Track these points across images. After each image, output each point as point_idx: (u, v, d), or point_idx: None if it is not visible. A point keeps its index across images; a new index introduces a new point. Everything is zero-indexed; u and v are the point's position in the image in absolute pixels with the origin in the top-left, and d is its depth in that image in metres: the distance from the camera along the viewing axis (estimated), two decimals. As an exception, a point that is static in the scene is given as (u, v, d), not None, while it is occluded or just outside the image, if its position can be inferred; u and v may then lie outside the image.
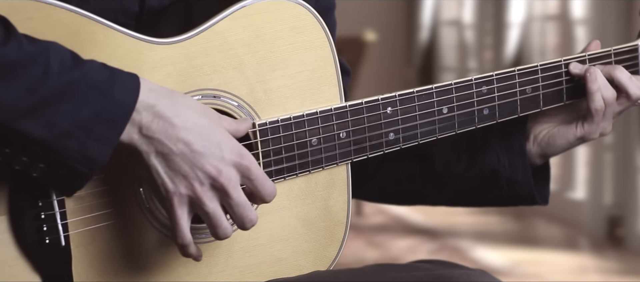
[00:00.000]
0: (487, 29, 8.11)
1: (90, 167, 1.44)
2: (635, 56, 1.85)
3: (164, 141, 1.47)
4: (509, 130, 1.84)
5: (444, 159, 1.85)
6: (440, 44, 9.11)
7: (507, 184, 1.84)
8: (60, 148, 1.42)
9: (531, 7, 7.30)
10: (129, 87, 1.45)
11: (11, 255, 1.50)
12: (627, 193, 5.79)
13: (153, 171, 1.48)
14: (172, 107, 1.48)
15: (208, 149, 1.49)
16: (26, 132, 1.40)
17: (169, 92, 1.49)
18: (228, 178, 1.50)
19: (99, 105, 1.43)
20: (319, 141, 1.66)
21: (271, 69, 1.62)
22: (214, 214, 1.51)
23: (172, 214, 1.50)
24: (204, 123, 1.50)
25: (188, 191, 1.49)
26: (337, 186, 1.69)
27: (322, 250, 1.69)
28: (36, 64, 1.41)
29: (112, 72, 1.46)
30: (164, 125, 1.47)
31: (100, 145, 1.43)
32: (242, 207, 1.52)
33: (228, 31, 1.59)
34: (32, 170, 1.44)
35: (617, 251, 5.73)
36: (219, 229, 1.52)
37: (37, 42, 1.43)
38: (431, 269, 1.65)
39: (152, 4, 1.61)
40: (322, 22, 1.65)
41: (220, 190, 1.50)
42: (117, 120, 1.44)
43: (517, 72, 1.78)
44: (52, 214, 1.51)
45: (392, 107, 1.70)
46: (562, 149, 1.85)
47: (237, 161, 1.51)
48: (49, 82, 1.41)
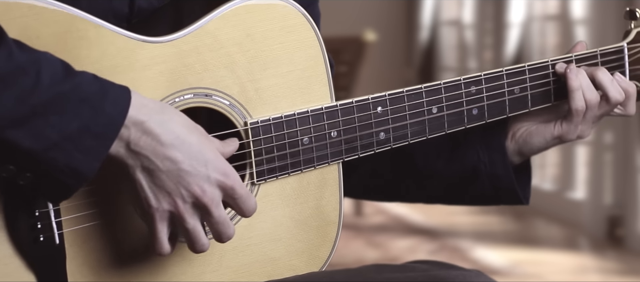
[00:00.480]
0: (487, 29, 8.11)
1: (77, 180, 1.44)
2: (622, 57, 1.85)
3: (151, 158, 1.48)
4: (489, 128, 1.84)
5: (425, 154, 1.85)
6: (440, 44, 9.11)
7: (488, 179, 1.84)
8: (48, 159, 1.42)
9: (531, 7, 7.30)
10: (120, 101, 1.45)
11: (5, 253, 1.50)
12: (627, 193, 5.79)
13: (137, 185, 1.49)
14: (162, 124, 1.48)
15: (194, 168, 1.49)
16: (15, 142, 1.40)
17: (160, 107, 1.49)
18: (211, 198, 1.51)
19: (89, 118, 1.43)
20: (310, 140, 1.66)
21: (262, 68, 1.62)
22: (193, 231, 1.52)
23: (153, 228, 1.51)
24: (193, 141, 1.50)
25: (170, 207, 1.50)
26: (329, 186, 1.69)
27: (315, 250, 1.69)
28: (27, 74, 1.40)
29: (103, 85, 1.45)
30: (152, 142, 1.47)
31: (88, 158, 1.43)
32: (221, 225, 1.53)
33: (219, 30, 1.59)
34: (19, 178, 1.44)
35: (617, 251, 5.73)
36: (196, 244, 1.53)
37: (29, 51, 1.43)
38: (427, 270, 1.65)
39: (141, 5, 1.61)
40: (311, 22, 1.65)
41: (202, 208, 1.51)
42: (106, 134, 1.44)
43: (505, 73, 1.78)
44: (46, 211, 1.51)
45: (382, 107, 1.70)
46: (538, 148, 1.84)
47: (221, 180, 1.51)
48: (39, 93, 1.40)
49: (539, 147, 1.84)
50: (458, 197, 1.91)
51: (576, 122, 1.80)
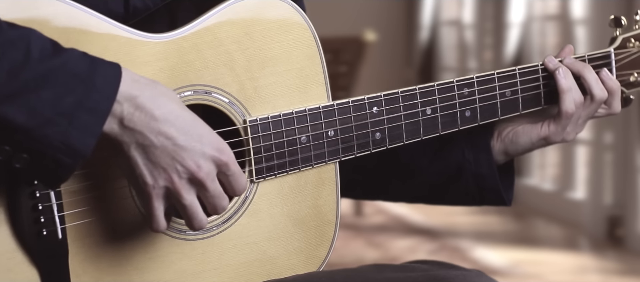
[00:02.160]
0: (487, 29, 8.11)
1: (73, 158, 1.43)
2: (609, 62, 1.87)
3: (145, 133, 1.47)
4: (475, 128, 1.84)
5: (410, 150, 1.85)
6: (440, 44, 9.11)
7: (472, 178, 1.84)
8: (43, 136, 1.41)
9: (531, 7, 7.30)
10: (110, 77, 1.44)
11: (8, 247, 1.50)
12: (627, 193, 5.79)
13: (132, 162, 1.48)
14: (154, 99, 1.47)
15: (189, 143, 1.49)
16: (8, 118, 1.40)
17: (151, 83, 1.49)
18: (206, 173, 1.50)
19: (81, 93, 1.42)
20: (308, 139, 1.66)
21: (260, 67, 1.63)
22: (190, 207, 1.51)
23: (149, 206, 1.50)
24: (186, 116, 1.50)
25: (166, 183, 1.49)
26: (326, 185, 1.69)
27: (312, 249, 1.70)
28: (16, 48, 1.40)
29: (93, 61, 1.45)
30: (145, 117, 1.47)
31: (82, 134, 1.42)
32: (217, 198, 1.53)
33: (218, 28, 1.60)
34: (14, 160, 1.43)
35: (617, 251, 5.73)
36: (194, 220, 1.53)
37: (17, 27, 1.43)
38: (427, 270, 1.65)
39: (136, 5, 1.61)
40: (308, 22, 1.66)
41: (198, 184, 1.50)
42: (99, 109, 1.43)
43: (497, 75, 1.79)
44: (49, 205, 1.51)
45: (378, 107, 1.71)
46: (524, 148, 1.84)
47: (216, 156, 1.51)
48: (29, 68, 1.40)
49: (525, 148, 1.84)
50: (441, 195, 1.90)
51: (564, 124, 1.81)
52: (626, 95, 1.89)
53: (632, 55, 1.89)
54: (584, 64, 1.82)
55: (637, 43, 1.89)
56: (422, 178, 1.87)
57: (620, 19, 1.90)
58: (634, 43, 1.89)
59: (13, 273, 1.50)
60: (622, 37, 1.89)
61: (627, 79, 1.88)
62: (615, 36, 1.90)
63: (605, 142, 6.05)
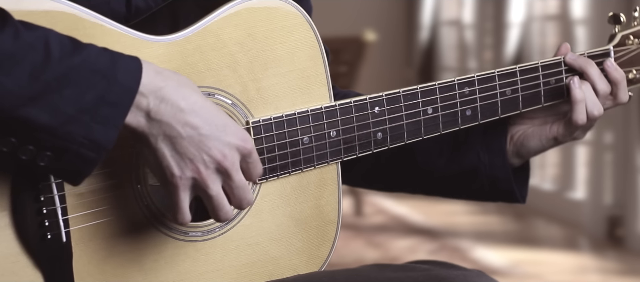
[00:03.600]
0: (487, 29, 8.11)
1: (97, 151, 1.44)
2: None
3: (173, 125, 1.47)
4: (490, 130, 1.86)
5: (426, 152, 1.86)
6: (440, 44, 9.11)
7: (487, 179, 1.85)
8: (66, 133, 1.42)
9: (531, 7, 7.30)
10: (131, 70, 1.45)
11: (13, 251, 1.50)
12: (627, 193, 5.79)
13: (159, 154, 1.48)
14: (179, 90, 1.48)
15: (214, 132, 1.50)
16: (31, 119, 1.40)
17: (174, 74, 1.50)
18: (232, 162, 1.51)
19: (102, 88, 1.43)
20: (310, 140, 1.66)
21: (263, 68, 1.63)
22: (217, 197, 1.52)
23: (175, 197, 1.51)
24: (209, 105, 1.51)
25: (193, 173, 1.50)
26: (328, 185, 1.70)
27: (314, 249, 1.70)
28: (36, 50, 1.41)
29: (113, 55, 1.46)
30: (172, 108, 1.47)
31: (105, 128, 1.43)
32: (242, 190, 1.53)
33: (221, 29, 1.60)
34: (38, 159, 1.43)
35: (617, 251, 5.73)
36: (221, 211, 1.53)
37: (35, 28, 1.43)
38: (428, 270, 1.65)
39: (138, 5, 1.62)
40: (311, 22, 1.67)
41: (224, 173, 1.51)
42: (121, 103, 1.44)
43: (497, 74, 1.80)
44: (54, 209, 1.51)
45: (380, 107, 1.71)
46: (535, 150, 1.85)
47: (240, 144, 1.52)
48: (50, 68, 1.41)
49: (536, 149, 1.85)
50: (456, 192, 1.92)
51: (573, 130, 1.82)
52: None
53: (630, 53, 1.89)
54: (586, 59, 1.83)
55: (636, 40, 1.90)
56: (438, 178, 1.89)
57: (619, 16, 1.90)
58: (632, 40, 1.90)
59: (18, 276, 1.50)
60: (621, 35, 1.89)
61: (626, 76, 1.89)
62: (614, 33, 1.90)
63: (605, 142, 6.05)
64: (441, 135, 1.80)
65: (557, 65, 1.83)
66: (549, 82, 1.83)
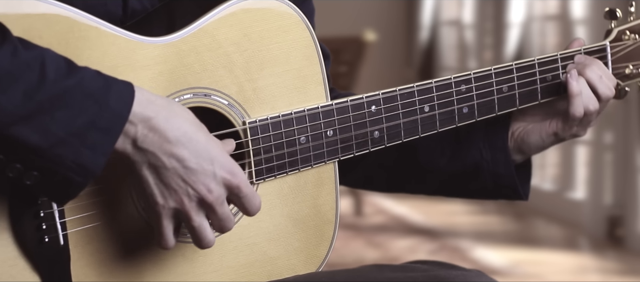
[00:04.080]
0: (487, 29, 8.11)
1: (84, 176, 1.44)
2: (605, 55, 1.88)
3: (158, 155, 1.48)
4: (492, 127, 1.86)
5: (428, 150, 1.86)
6: (440, 44, 9.11)
7: (490, 176, 1.85)
8: (55, 156, 1.42)
9: (531, 7, 7.30)
10: (124, 96, 1.45)
11: (11, 254, 1.50)
12: (627, 193, 5.79)
13: (144, 181, 1.49)
14: (169, 121, 1.48)
15: (201, 166, 1.50)
16: (22, 138, 1.40)
17: (167, 103, 1.50)
18: (216, 196, 1.51)
19: (94, 113, 1.43)
20: (307, 139, 1.66)
21: (259, 68, 1.63)
22: (199, 228, 1.52)
23: (158, 224, 1.52)
24: (200, 138, 1.50)
25: (176, 204, 1.50)
26: (326, 185, 1.70)
27: (312, 249, 1.70)
28: (32, 69, 1.41)
29: (107, 80, 1.46)
30: (159, 139, 1.47)
31: (94, 154, 1.43)
32: (225, 221, 1.54)
33: (217, 30, 1.60)
34: (25, 178, 1.44)
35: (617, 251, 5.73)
36: (203, 241, 1.54)
37: (32, 47, 1.43)
38: (428, 270, 1.65)
39: (134, 7, 1.62)
40: (306, 22, 1.66)
41: (208, 207, 1.52)
42: (111, 129, 1.44)
43: (494, 71, 1.80)
44: (51, 212, 1.51)
45: (376, 106, 1.71)
46: (536, 146, 1.85)
47: (227, 178, 1.52)
48: (44, 89, 1.41)
49: (537, 145, 1.85)
50: (459, 190, 1.92)
51: (572, 124, 1.81)
52: (621, 87, 1.90)
53: (627, 48, 1.89)
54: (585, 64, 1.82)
55: (633, 35, 1.90)
56: (440, 176, 1.88)
57: (615, 11, 1.90)
58: (629, 35, 1.90)
59: (15, 280, 1.50)
60: (617, 30, 1.89)
61: (622, 71, 1.89)
62: (611, 29, 1.90)
63: (605, 142, 6.05)
64: (443, 134, 1.80)
65: (553, 62, 1.83)
66: (545, 79, 1.82)
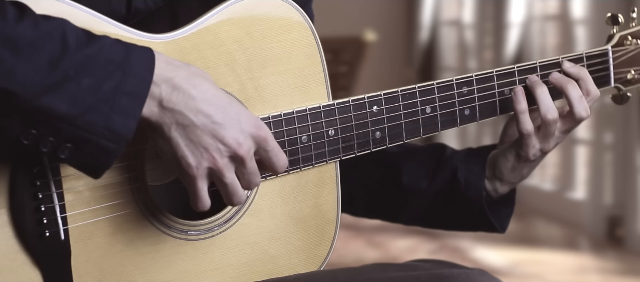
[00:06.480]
0: (487, 29, 8.12)
1: (117, 142, 1.44)
2: (606, 60, 1.88)
3: (185, 113, 1.48)
4: (474, 152, 1.87)
5: (411, 172, 1.87)
6: (440, 44, 9.11)
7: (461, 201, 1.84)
8: (87, 123, 1.43)
9: (531, 7, 7.31)
10: (145, 60, 1.46)
11: (11, 249, 1.50)
12: (627, 193, 5.79)
13: (174, 143, 1.49)
14: (190, 79, 1.49)
15: (227, 120, 1.50)
16: (52, 107, 1.41)
17: (185, 64, 1.50)
18: (247, 149, 1.51)
19: (118, 78, 1.44)
20: (308, 138, 1.66)
21: (261, 66, 1.63)
22: (232, 184, 1.52)
23: (193, 187, 1.51)
24: (222, 95, 1.51)
25: (209, 163, 1.50)
26: (327, 184, 1.70)
27: (313, 248, 1.70)
28: (54, 38, 1.42)
29: (126, 46, 1.46)
30: (184, 97, 1.48)
31: (124, 118, 1.44)
32: (253, 175, 1.54)
33: (219, 28, 1.60)
34: (59, 151, 1.44)
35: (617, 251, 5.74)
36: (234, 197, 1.54)
37: (51, 18, 1.44)
38: (430, 269, 1.65)
39: (138, 6, 1.62)
40: (309, 22, 1.67)
41: (239, 161, 1.52)
42: (137, 92, 1.45)
43: (495, 73, 1.80)
44: (52, 207, 1.52)
45: (378, 106, 1.71)
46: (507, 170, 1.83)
47: (255, 132, 1.52)
48: (68, 57, 1.42)
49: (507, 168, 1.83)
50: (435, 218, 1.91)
51: (528, 142, 1.79)
52: (623, 92, 1.90)
53: (629, 53, 1.89)
54: (568, 79, 1.80)
55: (634, 40, 1.90)
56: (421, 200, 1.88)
57: (617, 16, 1.91)
58: (631, 40, 1.90)
59: (16, 274, 1.51)
60: (619, 35, 1.90)
61: (624, 76, 1.89)
62: (613, 34, 1.91)
63: (605, 142, 6.05)
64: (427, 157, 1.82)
65: (555, 66, 1.83)
66: (548, 82, 1.82)
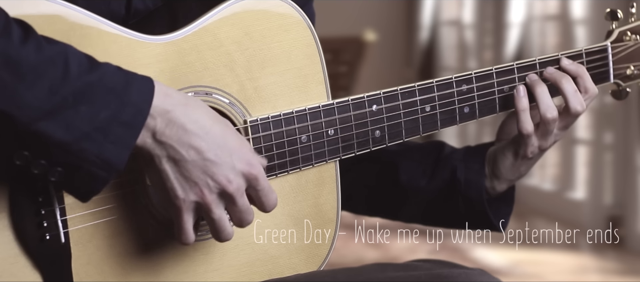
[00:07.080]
0: (487, 29, 8.11)
1: (108, 171, 1.45)
2: (606, 56, 1.88)
3: (177, 147, 1.48)
4: (472, 150, 1.87)
5: (409, 170, 1.87)
6: (440, 44, 9.11)
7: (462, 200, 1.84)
8: (80, 150, 1.43)
9: (531, 7, 7.31)
10: (144, 91, 1.46)
11: (12, 252, 1.51)
12: (627, 193, 5.79)
13: (164, 175, 1.49)
14: (186, 114, 1.49)
15: (219, 157, 1.50)
16: (47, 133, 1.41)
17: (184, 97, 1.50)
18: (236, 187, 1.51)
19: (116, 108, 1.44)
20: (308, 138, 1.67)
21: (260, 67, 1.63)
22: (219, 221, 1.53)
23: (179, 219, 1.52)
24: (217, 130, 1.51)
25: (197, 197, 1.50)
26: (327, 184, 1.70)
27: (313, 248, 1.70)
28: (56, 65, 1.42)
29: (127, 75, 1.47)
30: (178, 131, 1.48)
31: (117, 148, 1.44)
32: (244, 213, 1.54)
33: (218, 29, 1.60)
34: (50, 174, 1.44)
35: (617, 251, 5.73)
36: (222, 233, 1.54)
37: (55, 43, 1.44)
38: (430, 269, 1.66)
39: (137, 6, 1.63)
40: (308, 21, 1.67)
41: (228, 198, 1.52)
42: (133, 124, 1.45)
43: (495, 71, 1.80)
44: (52, 210, 1.52)
45: (378, 105, 1.71)
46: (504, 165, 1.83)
47: (246, 170, 1.52)
48: (68, 84, 1.42)
49: (505, 166, 1.83)
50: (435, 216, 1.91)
51: (528, 141, 1.79)
52: (623, 88, 1.90)
53: (628, 49, 1.89)
54: (562, 74, 1.81)
55: (634, 36, 1.90)
56: (420, 198, 1.89)
57: (616, 12, 1.91)
58: (630, 36, 1.90)
59: (16, 278, 1.51)
60: (619, 31, 1.90)
61: (623, 72, 1.89)
62: (612, 29, 1.91)
63: (605, 142, 6.05)
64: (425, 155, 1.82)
65: (554, 63, 1.83)
66: (546, 79, 1.82)
